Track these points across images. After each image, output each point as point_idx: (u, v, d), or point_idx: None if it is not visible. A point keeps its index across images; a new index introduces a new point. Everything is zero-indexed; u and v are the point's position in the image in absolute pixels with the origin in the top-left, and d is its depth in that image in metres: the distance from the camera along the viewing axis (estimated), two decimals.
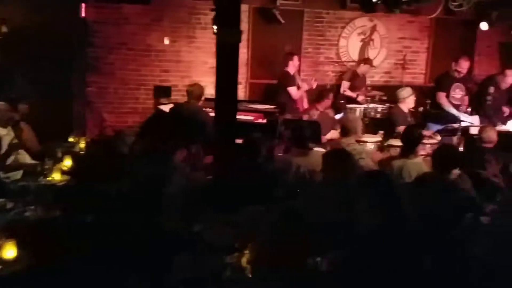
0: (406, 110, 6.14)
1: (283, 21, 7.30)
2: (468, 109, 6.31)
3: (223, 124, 3.98)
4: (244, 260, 2.58)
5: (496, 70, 7.12)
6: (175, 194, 3.45)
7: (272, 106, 6.33)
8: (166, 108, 6.12)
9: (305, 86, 6.85)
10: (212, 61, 4.01)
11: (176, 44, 7.33)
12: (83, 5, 6.73)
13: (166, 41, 7.20)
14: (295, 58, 6.89)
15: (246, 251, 2.60)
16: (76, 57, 6.84)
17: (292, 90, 6.73)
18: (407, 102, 6.10)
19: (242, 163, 3.94)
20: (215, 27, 3.92)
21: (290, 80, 6.77)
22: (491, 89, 6.28)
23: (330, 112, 6.43)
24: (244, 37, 7.37)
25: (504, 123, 6.30)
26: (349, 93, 7.24)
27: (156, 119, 6.07)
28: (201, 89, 5.64)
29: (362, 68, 7.51)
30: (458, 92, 6.43)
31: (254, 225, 3.00)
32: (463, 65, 6.32)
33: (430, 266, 2.58)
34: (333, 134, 5.66)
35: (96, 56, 7.05)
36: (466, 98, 6.46)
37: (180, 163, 4.07)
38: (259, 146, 3.99)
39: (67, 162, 4.18)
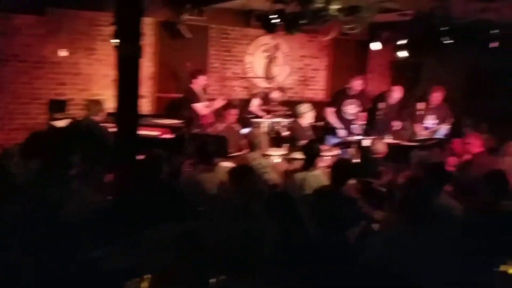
0: (305, 125, 6.40)
1: (188, 36, 7.28)
2: (363, 125, 6.72)
3: (124, 140, 3.83)
4: (144, 286, 2.48)
5: (387, 87, 7.70)
6: (71, 218, 3.23)
7: (179, 121, 6.24)
8: (61, 123, 5.75)
9: (215, 106, 6.84)
10: (113, 74, 3.84)
11: (74, 56, 6.97)
12: None
13: (63, 53, 6.82)
14: (200, 77, 6.89)
15: (147, 276, 2.50)
16: None
17: (197, 106, 6.72)
18: (306, 117, 6.38)
19: (145, 181, 3.81)
20: (115, 41, 3.79)
21: (194, 96, 6.75)
22: (381, 105, 6.78)
23: (237, 126, 6.52)
24: (150, 50, 7.30)
25: (394, 136, 6.81)
26: (258, 111, 7.39)
27: (47, 135, 5.66)
28: (99, 103, 5.40)
29: (275, 95, 7.65)
30: (352, 108, 6.86)
31: (157, 247, 2.90)
32: (355, 83, 6.79)
33: (328, 274, 2.68)
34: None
35: None
36: (362, 114, 6.90)
37: (77, 183, 3.82)
38: (162, 162, 3.88)
39: None
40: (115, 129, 4.13)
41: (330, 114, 6.78)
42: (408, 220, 2.79)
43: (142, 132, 5.45)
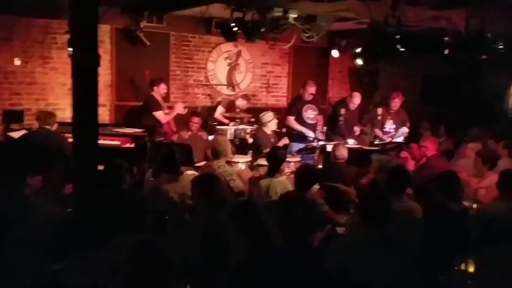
0: (269, 132, 6.43)
1: (148, 43, 7.20)
2: (323, 128, 6.83)
3: (82, 149, 3.71)
4: None
5: (347, 93, 7.87)
6: (29, 231, 3.10)
7: (140, 130, 6.13)
8: (17, 134, 5.54)
9: (175, 111, 6.80)
10: (70, 83, 3.73)
11: (29, 65, 6.74)
12: None
13: (17, 61, 6.58)
14: (162, 85, 6.82)
15: None
16: None
17: (159, 114, 6.63)
18: (269, 125, 6.40)
19: (106, 191, 3.71)
20: (71, 49, 3.68)
21: (155, 104, 6.66)
22: (342, 111, 6.91)
23: (203, 134, 6.45)
24: (107, 57, 7.17)
25: (355, 140, 6.96)
26: (222, 119, 7.37)
27: (2, 146, 5.46)
28: (50, 114, 5.25)
29: (241, 103, 7.64)
30: (310, 113, 6.96)
31: (119, 259, 2.82)
32: (310, 89, 6.88)
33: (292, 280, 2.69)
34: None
35: None
36: (320, 117, 7.01)
37: (34, 195, 3.67)
38: (123, 172, 3.80)
39: None
40: (72, 139, 3.99)
41: (293, 122, 6.84)
42: (368, 223, 2.84)
43: (102, 141, 5.35)
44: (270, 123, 6.36)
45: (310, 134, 6.65)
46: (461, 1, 4.75)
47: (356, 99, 6.96)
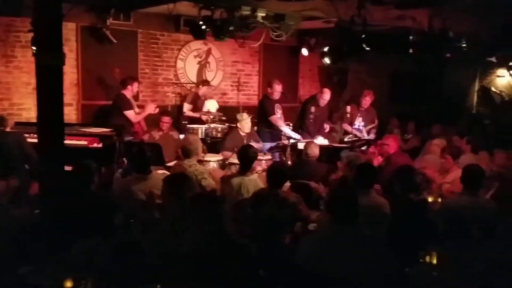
0: (243, 133, 6.41)
1: (115, 41, 7.09)
2: (290, 126, 6.87)
3: (48, 150, 3.64)
4: None
5: (317, 91, 7.95)
6: None
7: (108, 129, 6.02)
8: None
9: (146, 111, 6.72)
10: (35, 82, 3.65)
11: None
12: None
13: None
14: (135, 84, 6.73)
15: None
16: None
17: (130, 113, 6.54)
18: (242, 126, 6.39)
19: (74, 192, 3.64)
20: (35, 47, 3.59)
21: (126, 103, 6.57)
22: (312, 109, 6.98)
23: (174, 133, 6.38)
24: (72, 56, 7.03)
25: (325, 138, 7.04)
26: (191, 114, 7.32)
27: None
28: (3, 119, 5.12)
29: (203, 90, 7.64)
30: (278, 112, 7.00)
31: (89, 260, 2.78)
32: (277, 87, 6.90)
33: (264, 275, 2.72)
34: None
35: None
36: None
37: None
38: (91, 173, 3.73)
39: None
40: (37, 139, 3.90)
41: (277, 121, 6.82)
42: (337, 220, 2.88)
43: (68, 141, 5.24)
44: (241, 123, 6.33)
45: (293, 134, 6.57)
46: (424, 1, 4.86)
47: (326, 95, 7.03)
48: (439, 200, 4.29)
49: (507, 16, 5.11)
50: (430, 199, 4.24)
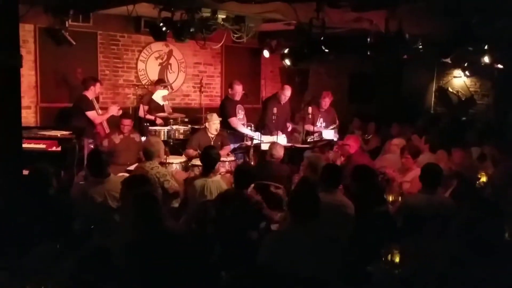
0: (210, 135, 6.33)
1: (74, 43, 6.94)
2: (251, 127, 6.90)
3: (5, 153, 3.52)
4: None
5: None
6: None
7: (67, 132, 5.88)
8: None
9: (109, 113, 6.59)
10: None
11: None
12: None
13: None
14: (97, 84, 6.60)
15: None
16: None
17: (92, 114, 6.41)
18: (211, 125, 6.34)
19: (31, 197, 3.53)
20: None
21: (89, 104, 6.44)
22: (274, 108, 7.03)
23: (136, 136, 6.25)
24: (30, 58, 6.84)
25: (288, 138, 7.11)
26: (148, 116, 7.23)
27: None
28: None
29: (157, 90, 7.51)
30: (241, 113, 7.03)
31: (48, 266, 2.72)
32: (238, 89, 6.91)
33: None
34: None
35: None
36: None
37: None
38: (47, 176, 3.63)
39: None
40: None
41: (236, 123, 6.82)
42: (296, 219, 2.92)
43: (26, 145, 5.09)
44: (209, 123, 6.30)
45: (254, 135, 6.57)
46: (379, 3, 4.99)
47: (287, 92, 7.09)
48: (400, 198, 4.36)
49: (462, 17, 5.30)
50: (390, 198, 4.34)
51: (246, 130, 6.80)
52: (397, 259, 3.04)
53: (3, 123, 3.51)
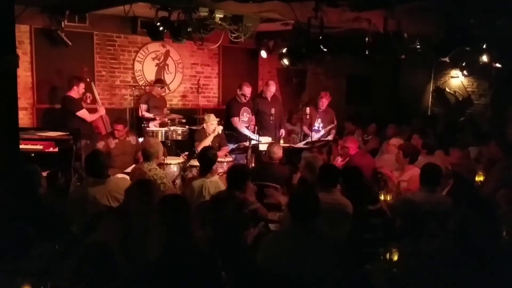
0: (209, 134, 6.33)
1: (70, 43, 6.91)
2: (255, 128, 6.89)
3: (2, 155, 3.49)
4: None
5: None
6: None
7: (64, 133, 5.85)
8: None
9: (99, 113, 6.59)
10: None
11: None
12: None
13: None
14: (81, 84, 6.56)
15: None
16: None
17: (83, 113, 6.37)
18: (208, 126, 6.33)
19: (19, 198, 3.49)
20: None
21: (76, 104, 6.40)
22: (272, 110, 7.02)
23: (132, 139, 6.19)
24: (26, 59, 6.81)
25: (286, 139, 7.09)
26: (147, 115, 7.20)
27: None
28: None
29: (156, 89, 7.54)
30: (245, 116, 7.01)
31: (47, 266, 2.69)
32: (246, 91, 6.91)
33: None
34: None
35: None
36: (253, 118, 7.08)
37: None
38: (34, 177, 3.60)
39: None
40: None
41: (238, 123, 6.80)
42: (295, 219, 2.91)
43: (23, 146, 5.08)
44: (206, 123, 6.28)
45: (253, 136, 6.52)
46: (377, 2, 4.98)
47: (272, 87, 7.09)
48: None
49: (460, 17, 5.30)
50: (388, 198, 4.34)
51: (246, 131, 6.78)
52: (395, 258, 3.03)
53: (0, 125, 3.49)
